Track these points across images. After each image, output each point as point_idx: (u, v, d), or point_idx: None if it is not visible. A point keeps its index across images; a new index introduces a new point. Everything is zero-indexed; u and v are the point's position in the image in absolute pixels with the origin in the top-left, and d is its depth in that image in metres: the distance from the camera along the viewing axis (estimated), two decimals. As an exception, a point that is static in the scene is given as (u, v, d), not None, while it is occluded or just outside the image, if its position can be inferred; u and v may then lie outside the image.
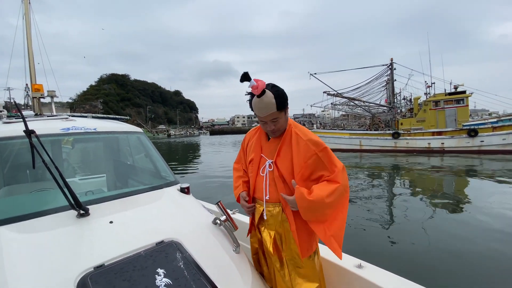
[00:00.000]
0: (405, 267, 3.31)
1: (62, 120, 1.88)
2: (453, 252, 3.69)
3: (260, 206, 1.42)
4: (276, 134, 1.35)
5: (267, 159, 1.38)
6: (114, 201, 1.49)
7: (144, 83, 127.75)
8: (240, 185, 1.54)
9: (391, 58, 19.88)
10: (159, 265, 1.07)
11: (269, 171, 1.36)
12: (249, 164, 1.50)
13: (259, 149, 1.43)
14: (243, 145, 1.60)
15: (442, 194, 7.07)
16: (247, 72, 1.20)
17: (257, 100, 1.22)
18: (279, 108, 1.24)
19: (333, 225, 1.24)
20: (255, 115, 1.32)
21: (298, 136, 1.32)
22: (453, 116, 17.01)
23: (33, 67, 2.88)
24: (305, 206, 1.21)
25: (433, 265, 3.36)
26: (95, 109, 65.08)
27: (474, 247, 3.81)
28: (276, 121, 1.28)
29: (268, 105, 1.21)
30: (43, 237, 1.14)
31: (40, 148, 1.27)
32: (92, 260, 1.04)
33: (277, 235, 1.36)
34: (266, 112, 1.23)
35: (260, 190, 1.40)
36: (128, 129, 2.21)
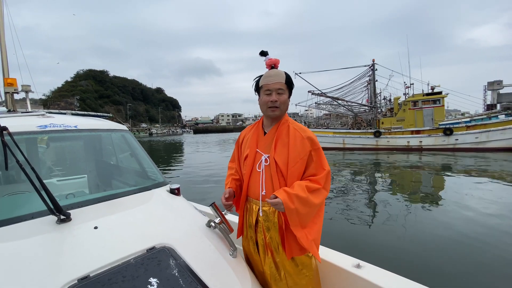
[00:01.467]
0: (395, 264, 3.40)
1: (39, 116, 1.72)
2: (442, 246, 3.83)
3: (255, 206, 1.36)
4: (275, 112, 1.33)
5: (263, 153, 1.34)
6: (99, 205, 1.37)
7: (124, 79, 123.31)
8: (229, 182, 1.50)
9: (373, 59, 20.50)
10: (151, 274, 0.99)
11: (265, 166, 1.32)
12: (244, 161, 1.44)
13: (254, 144, 1.40)
14: (237, 142, 1.56)
15: (422, 189, 7.39)
16: (267, 51, 1.39)
17: (269, 70, 1.35)
18: (286, 82, 1.32)
19: (314, 229, 1.26)
20: (257, 90, 1.39)
21: (296, 132, 1.32)
22: (430, 116, 17.86)
23: (5, 60, 2.64)
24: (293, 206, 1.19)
25: (422, 262, 3.47)
26: (71, 107, 61.98)
27: (461, 240, 3.99)
28: (281, 94, 1.32)
29: (278, 73, 1.32)
30: (18, 246, 1.02)
31: (14, 147, 1.13)
32: (76, 271, 0.94)
33: (270, 238, 1.31)
34: (275, 80, 1.31)
35: (256, 187, 1.34)
36: (112, 127, 2.08)
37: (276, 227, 1.29)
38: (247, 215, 1.41)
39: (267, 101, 1.32)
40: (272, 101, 1.31)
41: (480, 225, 4.56)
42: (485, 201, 5.85)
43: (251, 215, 1.37)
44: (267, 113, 1.36)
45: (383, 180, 9.13)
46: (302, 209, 1.20)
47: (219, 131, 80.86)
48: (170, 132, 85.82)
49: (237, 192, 1.46)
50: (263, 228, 1.32)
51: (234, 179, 1.50)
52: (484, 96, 41.89)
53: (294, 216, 1.20)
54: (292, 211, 1.18)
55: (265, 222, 1.32)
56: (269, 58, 1.37)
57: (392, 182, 8.63)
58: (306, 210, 1.21)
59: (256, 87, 1.41)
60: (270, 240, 1.30)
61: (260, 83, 1.37)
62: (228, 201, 1.40)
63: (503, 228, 4.39)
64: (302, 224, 1.23)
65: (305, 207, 1.20)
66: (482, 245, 3.82)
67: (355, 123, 21.54)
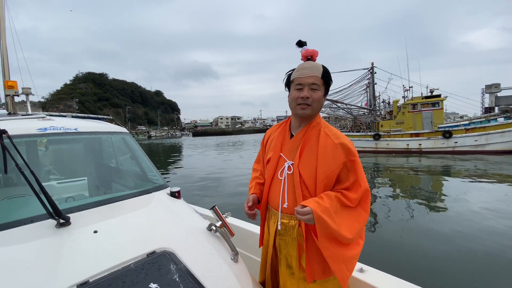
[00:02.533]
0: (399, 268, 3.37)
1: (39, 119, 1.71)
2: (439, 250, 3.81)
3: (274, 216, 1.23)
4: (306, 111, 1.14)
5: (287, 159, 1.18)
6: (98, 208, 1.36)
7: (123, 82, 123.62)
8: (253, 187, 1.36)
9: (372, 62, 20.64)
10: (151, 279, 0.97)
11: (288, 174, 1.16)
12: (266, 164, 1.30)
13: (279, 147, 1.24)
14: (263, 142, 1.41)
15: (422, 192, 7.36)
16: (305, 41, 1.22)
17: (305, 62, 1.18)
18: (323, 77, 1.13)
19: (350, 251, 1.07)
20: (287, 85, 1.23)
21: (327, 137, 1.13)
22: (430, 119, 17.92)
23: (6, 62, 2.63)
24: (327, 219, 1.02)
25: (424, 264, 3.45)
26: (70, 109, 62.00)
27: (462, 244, 3.97)
28: (315, 90, 1.13)
29: (314, 66, 1.14)
30: (17, 251, 1.00)
31: (13, 150, 1.12)
32: (75, 277, 0.92)
33: (288, 254, 1.19)
34: (310, 72, 1.12)
35: (276, 197, 1.20)
36: (112, 129, 2.07)
37: (294, 243, 1.16)
38: (267, 224, 1.31)
39: (297, 97, 1.14)
40: (303, 97, 1.12)
41: (481, 228, 4.54)
42: (486, 204, 5.84)
43: (271, 225, 1.26)
44: (296, 111, 1.17)
45: (382, 183, 9.12)
46: (334, 228, 1.02)
47: (218, 133, 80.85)
48: (169, 134, 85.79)
49: (261, 198, 1.33)
50: (279, 242, 1.22)
51: (258, 184, 1.37)
52: (482, 99, 42.17)
53: (323, 232, 1.03)
54: (322, 225, 1.01)
55: (283, 236, 1.19)
56: (306, 49, 1.19)
57: (392, 185, 8.62)
58: (338, 230, 1.02)
59: (287, 81, 1.23)
60: (287, 257, 1.19)
61: (292, 76, 1.19)
62: (252, 209, 1.28)
63: (507, 231, 4.38)
64: (331, 242, 1.05)
65: (338, 227, 1.03)
66: (484, 248, 3.81)
67: (354, 126, 21.60)
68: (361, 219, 1.08)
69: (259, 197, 1.34)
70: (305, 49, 1.19)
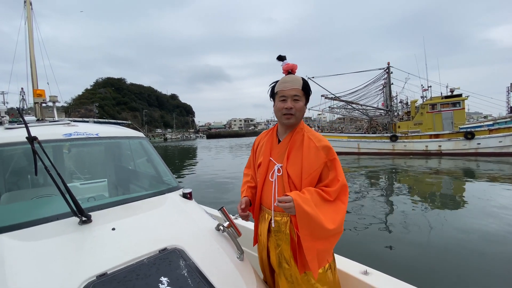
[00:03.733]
0: (409, 272, 3.30)
1: (64, 125, 1.87)
2: (456, 254, 3.69)
3: (267, 215, 1.33)
4: (290, 120, 1.27)
5: (276, 163, 1.30)
6: (116, 208, 1.47)
7: (140, 86, 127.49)
8: (245, 190, 1.48)
9: (388, 62, 20.12)
10: (162, 273, 1.06)
11: (278, 176, 1.28)
12: (257, 168, 1.41)
13: (268, 152, 1.36)
14: (253, 148, 1.53)
15: (441, 196, 7.10)
16: (285, 55, 1.35)
17: (286, 76, 1.31)
18: (303, 89, 1.27)
19: (323, 244, 1.17)
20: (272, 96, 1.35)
21: (310, 141, 1.26)
22: (450, 119, 17.20)
23: (35, 72, 2.86)
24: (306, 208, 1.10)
25: (436, 269, 3.35)
26: (90, 113, 64.73)
27: (476, 249, 3.82)
28: (297, 101, 1.26)
29: (295, 79, 1.27)
30: (45, 245, 1.12)
31: (43, 154, 1.25)
32: (95, 269, 1.02)
33: (282, 249, 1.27)
34: (291, 86, 1.25)
35: (268, 197, 1.31)
36: (130, 134, 2.20)
37: (287, 239, 1.25)
38: (261, 223, 1.39)
39: (282, 108, 1.27)
40: (287, 108, 1.25)
41: (503, 235, 4.33)
42: (510, 210, 5.55)
43: (264, 224, 1.35)
44: (282, 120, 1.31)
45: (399, 185, 8.87)
46: (315, 216, 1.10)
47: (232, 135, 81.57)
48: (184, 137, 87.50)
49: (253, 200, 1.43)
50: (274, 238, 1.30)
51: (250, 187, 1.47)
52: (508, 98, 39.74)
53: (304, 221, 1.11)
54: (303, 214, 1.10)
55: (276, 232, 1.28)
56: (286, 63, 1.32)
57: (409, 188, 8.35)
58: (318, 219, 1.10)
59: (271, 93, 1.36)
60: (281, 251, 1.27)
61: (275, 89, 1.32)
62: (245, 211, 1.39)
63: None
64: (313, 234, 1.13)
65: (318, 215, 1.10)
66: (503, 256, 3.63)
67: (370, 127, 21.11)
68: (340, 211, 1.18)
69: (251, 199, 1.44)
70: (286, 63, 1.32)
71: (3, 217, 1.32)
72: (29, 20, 2.72)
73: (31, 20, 2.76)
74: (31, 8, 2.73)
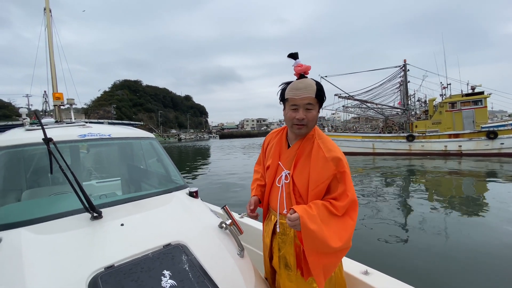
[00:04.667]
0: (417, 275, 3.22)
1: (79, 126, 1.98)
2: (470, 259, 3.55)
3: (273, 216, 1.32)
4: (301, 130, 1.20)
5: (284, 168, 1.26)
6: (126, 205, 1.55)
7: (156, 88, 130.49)
8: (254, 189, 1.47)
9: (404, 60, 19.50)
10: (165, 267, 1.11)
11: (285, 183, 1.24)
12: (266, 170, 1.39)
13: (277, 156, 1.32)
14: (263, 146, 1.50)
15: (460, 199, 6.81)
16: (297, 52, 1.22)
17: (298, 80, 1.19)
18: (317, 96, 1.16)
19: (329, 259, 1.11)
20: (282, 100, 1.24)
21: (320, 150, 1.17)
22: (471, 118, 16.43)
23: (54, 76, 3.03)
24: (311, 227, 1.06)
25: (448, 274, 3.24)
26: (108, 115, 67.12)
27: (494, 254, 3.65)
28: (309, 110, 1.16)
29: (308, 85, 1.15)
30: (59, 238, 1.21)
31: (58, 154, 1.34)
32: (103, 261, 1.09)
33: (285, 252, 1.27)
34: (304, 93, 1.14)
35: (275, 201, 1.29)
36: (140, 135, 2.30)
37: (291, 242, 1.23)
38: (267, 223, 1.40)
39: (293, 118, 1.18)
40: (299, 118, 1.17)
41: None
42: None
43: (270, 225, 1.35)
44: (293, 130, 1.23)
45: (416, 187, 8.59)
46: (320, 235, 1.05)
47: (244, 136, 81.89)
48: (197, 137, 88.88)
49: (262, 199, 1.42)
50: (278, 240, 1.30)
51: (259, 185, 1.46)
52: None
53: (309, 239, 1.07)
54: (308, 232, 1.05)
55: (281, 235, 1.27)
56: (298, 64, 1.19)
57: (426, 190, 8.07)
58: (324, 238, 1.05)
59: (281, 96, 1.25)
60: (284, 254, 1.26)
61: (286, 94, 1.21)
62: (253, 212, 1.40)
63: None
64: (318, 251, 1.08)
65: (323, 234, 1.05)
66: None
67: (386, 127, 20.54)
68: (348, 227, 1.10)
69: (260, 198, 1.44)
70: (298, 63, 1.20)
71: (23, 212, 1.43)
72: (49, 26, 2.89)
73: (50, 26, 2.93)
74: (50, 15, 2.90)
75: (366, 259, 1.36)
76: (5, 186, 1.52)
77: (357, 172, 11.58)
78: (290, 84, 1.22)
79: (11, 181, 1.68)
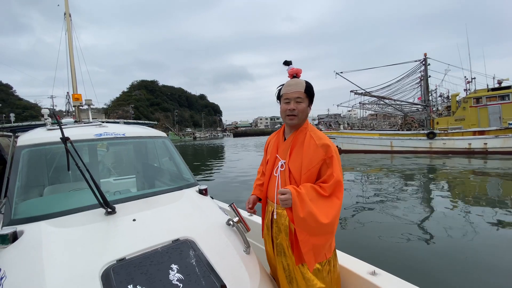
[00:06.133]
0: (430, 278, 3.10)
1: (96, 126, 2.08)
2: (491, 266, 3.37)
3: (271, 207, 1.43)
4: (293, 121, 1.36)
5: (281, 159, 1.40)
6: (138, 201, 1.61)
7: (171, 88, 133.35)
8: (254, 188, 1.62)
9: (425, 53, 18.63)
10: (173, 261, 1.16)
11: (281, 171, 1.38)
12: (266, 165, 1.53)
13: (275, 150, 1.47)
14: (265, 147, 1.65)
15: (485, 200, 6.43)
16: (291, 60, 1.45)
17: (290, 79, 1.40)
18: (306, 91, 1.34)
19: (319, 238, 1.20)
20: (278, 98, 1.43)
21: (311, 139, 1.33)
22: (498, 114, 15.45)
23: (74, 78, 3.19)
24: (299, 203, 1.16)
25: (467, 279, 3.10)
26: (127, 114, 69.46)
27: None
28: (299, 102, 1.34)
29: (298, 82, 1.36)
30: (76, 231, 1.28)
31: (75, 153, 1.42)
32: (115, 254, 1.15)
33: (281, 240, 1.35)
34: (295, 89, 1.34)
35: (272, 191, 1.41)
36: (153, 134, 2.37)
37: (286, 230, 1.33)
38: (266, 216, 1.49)
39: (285, 109, 1.37)
40: (290, 109, 1.35)
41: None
42: None
43: (268, 216, 1.45)
44: (286, 121, 1.40)
45: (436, 187, 8.23)
46: (309, 211, 1.15)
47: (258, 134, 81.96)
48: (212, 136, 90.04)
49: (263, 196, 1.53)
50: (275, 229, 1.39)
51: (258, 185, 1.60)
52: None
53: (299, 215, 1.16)
54: (298, 206, 1.15)
55: (277, 224, 1.37)
56: (291, 68, 1.42)
57: (449, 190, 7.72)
58: (314, 214, 1.15)
59: (278, 95, 1.46)
60: (281, 241, 1.35)
61: (281, 91, 1.42)
62: (252, 209, 1.54)
63: None
64: (308, 228, 1.18)
65: (313, 210, 1.15)
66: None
67: (404, 124, 19.79)
68: (334, 206, 1.21)
69: (260, 196, 1.57)
70: (291, 67, 1.42)
71: (44, 207, 1.53)
72: (69, 30, 3.04)
73: (70, 30, 3.07)
74: (70, 19, 3.05)
75: (381, 260, 1.32)
76: (28, 182, 1.63)
77: (374, 170, 11.28)
78: (285, 83, 1.42)
79: (34, 177, 1.80)
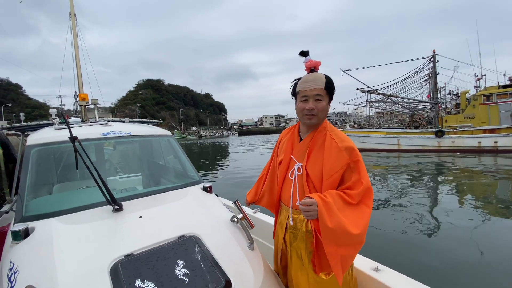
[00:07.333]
0: (435, 275, 3.07)
1: (102, 125, 2.12)
2: (498, 265, 3.31)
3: (285, 211, 1.34)
4: (312, 120, 1.23)
5: (297, 161, 1.28)
6: (145, 198, 1.65)
7: (177, 87, 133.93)
8: (253, 189, 1.67)
9: (433, 50, 18.28)
10: (179, 256, 1.18)
11: (297, 175, 1.26)
12: (278, 166, 1.41)
13: (289, 150, 1.34)
14: (277, 144, 1.53)
15: (495, 200, 6.29)
16: (307, 50, 1.29)
17: (308, 74, 1.25)
18: (326, 88, 1.20)
19: (347, 249, 1.10)
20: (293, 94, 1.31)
21: (332, 141, 1.20)
22: (509, 112, 15.08)
23: (80, 78, 3.25)
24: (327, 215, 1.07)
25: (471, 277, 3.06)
26: (133, 113, 70.26)
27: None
28: (319, 101, 1.20)
29: (317, 78, 1.21)
30: (85, 228, 1.32)
31: (83, 151, 1.46)
32: (123, 249, 1.18)
33: (297, 247, 1.27)
34: (314, 85, 1.19)
35: (287, 195, 1.30)
36: (158, 133, 2.41)
37: (303, 237, 1.23)
38: (279, 218, 1.42)
39: (303, 108, 1.23)
40: (309, 108, 1.21)
41: None
42: None
43: (282, 220, 1.37)
44: (303, 120, 1.27)
45: (444, 186, 8.11)
46: (338, 221, 1.05)
47: (263, 132, 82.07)
48: (217, 134, 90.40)
49: (256, 201, 1.62)
50: (290, 235, 1.31)
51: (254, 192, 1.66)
52: None
53: (327, 227, 1.06)
54: (326, 219, 1.05)
55: (293, 230, 1.28)
56: (309, 60, 1.25)
57: (457, 188, 7.59)
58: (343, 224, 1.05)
59: (293, 91, 1.31)
60: (296, 249, 1.27)
61: (297, 88, 1.26)
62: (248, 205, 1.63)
63: None
64: (337, 240, 1.08)
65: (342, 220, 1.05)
66: None
67: (412, 122, 19.50)
68: (364, 215, 1.10)
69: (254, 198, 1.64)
70: (308, 59, 1.25)
71: (54, 204, 1.57)
72: (74, 30, 3.09)
73: (76, 30, 3.13)
74: (75, 20, 3.10)
75: (384, 256, 1.33)
76: (38, 181, 1.68)
77: (380, 169, 11.17)
78: (301, 78, 1.27)
79: (43, 176, 1.85)
